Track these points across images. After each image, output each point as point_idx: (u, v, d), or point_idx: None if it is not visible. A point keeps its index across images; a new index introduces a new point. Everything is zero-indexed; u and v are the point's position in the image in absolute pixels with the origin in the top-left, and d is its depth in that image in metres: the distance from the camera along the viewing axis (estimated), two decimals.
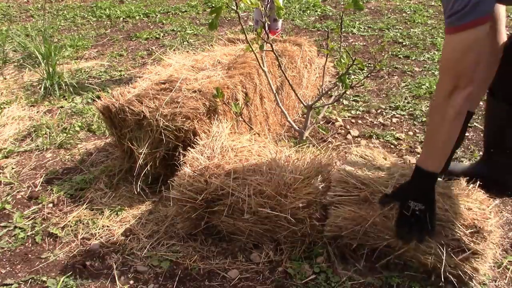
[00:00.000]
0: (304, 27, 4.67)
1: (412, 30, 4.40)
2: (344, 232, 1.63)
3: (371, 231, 1.61)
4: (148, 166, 2.09)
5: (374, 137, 2.61)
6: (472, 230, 1.48)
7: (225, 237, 1.85)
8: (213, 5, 5.57)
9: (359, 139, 2.59)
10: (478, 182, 1.67)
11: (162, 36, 4.57)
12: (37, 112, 3.06)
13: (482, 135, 2.03)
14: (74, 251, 1.87)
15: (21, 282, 1.72)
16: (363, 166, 1.71)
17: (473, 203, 1.56)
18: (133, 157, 2.15)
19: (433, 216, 1.48)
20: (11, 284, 1.70)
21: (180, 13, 5.40)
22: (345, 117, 2.84)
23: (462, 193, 1.60)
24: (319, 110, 2.72)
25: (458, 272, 1.54)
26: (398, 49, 3.91)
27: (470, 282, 1.57)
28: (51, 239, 1.94)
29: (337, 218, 1.62)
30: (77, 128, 2.81)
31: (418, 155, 2.38)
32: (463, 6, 1.24)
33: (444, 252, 1.52)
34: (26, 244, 1.91)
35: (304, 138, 2.38)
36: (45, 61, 3.38)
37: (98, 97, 2.62)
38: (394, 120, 2.80)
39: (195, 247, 1.83)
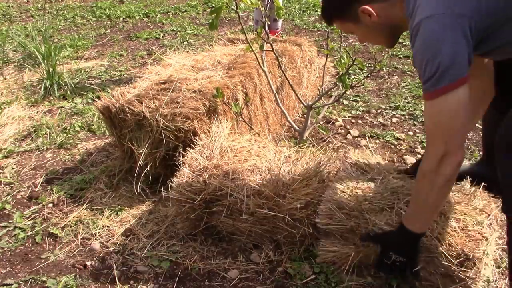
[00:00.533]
0: (304, 27, 4.67)
1: None
2: (332, 264, 1.66)
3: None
4: (148, 166, 2.09)
5: (374, 137, 2.61)
6: (461, 259, 1.43)
7: (225, 237, 1.85)
8: (213, 5, 5.57)
9: (359, 139, 2.59)
10: (482, 184, 1.64)
11: (162, 36, 4.57)
12: (37, 112, 3.06)
13: (481, 135, 2.03)
14: (74, 251, 1.87)
15: (21, 282, 1.72)
16: (356, 179, 1.67)
17: (471, 215, 1.52)
18: (133, 157, 2.15)
19: (415, 267, 1.47)
20: (11, 284, 1.71)
21: (180, 13, 5.40)
22: (345, 117, 2.84)
23: (462, 201, 1.57)
24: (319, 110, 2.72)
25: None
26: (398, 49, 3.90)
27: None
28: (51, 239, 1.94)
29: (323, 252, 1.64)
30: (77, 128, 2.81)
31: (419, 155, 2.38)
32: (433, 74, 1.22)
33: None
34: (26, 244, 1.92)
35: (304, 138, 2.38)
36: (45, 61, 3.38)
37: (98, 97, 2.62)
38: (394, 120, 2.80)
39: (195, 247, 1.83)
